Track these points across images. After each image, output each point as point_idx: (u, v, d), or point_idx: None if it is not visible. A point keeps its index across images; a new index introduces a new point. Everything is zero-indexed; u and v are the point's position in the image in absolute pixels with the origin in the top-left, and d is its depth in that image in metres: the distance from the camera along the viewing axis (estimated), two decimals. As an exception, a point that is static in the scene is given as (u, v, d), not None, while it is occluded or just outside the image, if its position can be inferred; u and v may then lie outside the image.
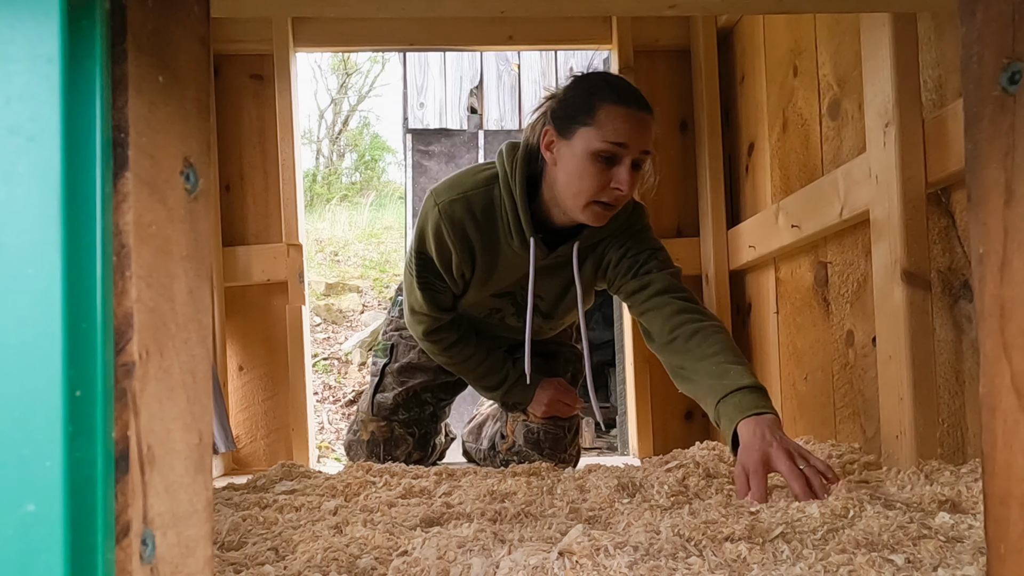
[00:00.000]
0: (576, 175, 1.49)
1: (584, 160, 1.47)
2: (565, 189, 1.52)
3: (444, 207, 1.62)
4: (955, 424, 1.32)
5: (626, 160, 1.47)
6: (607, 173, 1.47)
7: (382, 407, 1.95)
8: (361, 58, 13.52)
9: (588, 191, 1.49)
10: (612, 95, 1.47)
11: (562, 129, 1.51)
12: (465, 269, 1.67)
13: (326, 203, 10.83)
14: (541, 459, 1.77)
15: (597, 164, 1.47)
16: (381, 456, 1.88)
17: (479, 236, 1.63)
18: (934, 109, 1.34)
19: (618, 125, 1.45)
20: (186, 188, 0.50)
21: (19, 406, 0.40)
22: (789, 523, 0.91)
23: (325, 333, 6.53)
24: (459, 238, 1.62)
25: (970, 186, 0.53)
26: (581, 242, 1.62)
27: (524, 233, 1.59)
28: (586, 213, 1.52)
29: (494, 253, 1.66)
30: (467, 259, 1.66)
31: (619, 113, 1.46)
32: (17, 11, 0.41)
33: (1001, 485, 0.50)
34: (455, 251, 1.64)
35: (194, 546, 0.49)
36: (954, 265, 1.32)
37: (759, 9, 1.33)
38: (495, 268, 1.69)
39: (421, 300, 1.73)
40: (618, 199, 1.50)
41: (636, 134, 1.47)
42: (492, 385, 1.86)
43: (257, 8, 1.17)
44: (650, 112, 1.52)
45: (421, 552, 0.85)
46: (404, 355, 2.01)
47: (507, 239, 1.63)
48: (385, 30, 2.40)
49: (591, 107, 1.47)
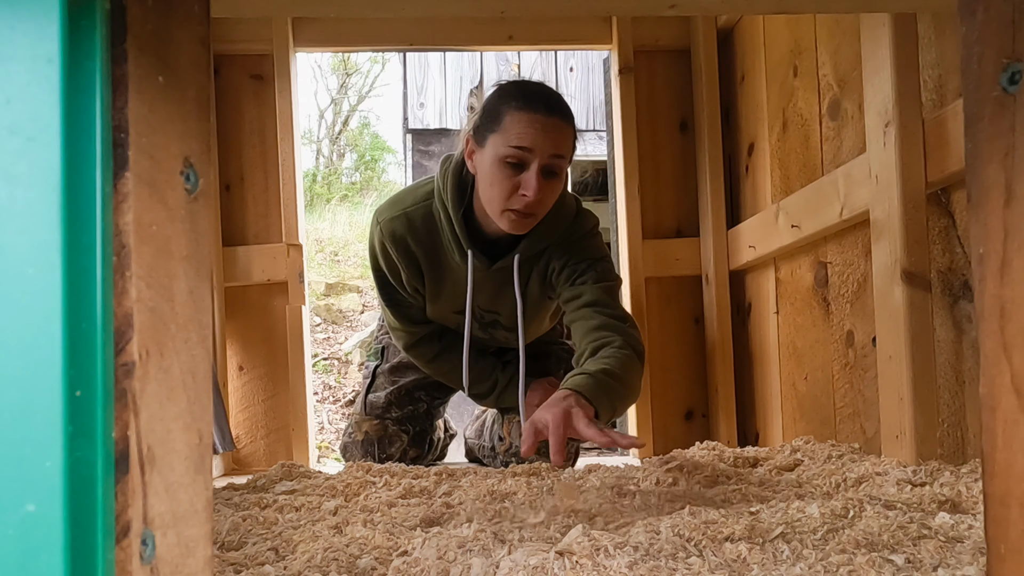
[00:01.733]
0: (488, 182, 1.49)
1: (493, 167, 1.47)
2: (484, 197, 1.53)
3: (385, 225, 1.64)
4: (955, 424, 1.32)
5: (533, 165, 1.45)
6: (515, 179, 1.47)
7: (374, 406, 1.95)
8: (361, 58, 13.52)
9: (498, 198, 1.48)
10: (518, 101, 1.47)
11: (478, 138, 1.52)
12: (416, 284, 1.68)
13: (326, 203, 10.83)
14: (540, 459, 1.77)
15: (505, 170, 1.46)
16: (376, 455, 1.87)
17: (422, 251, 1.64)
18: (934, 109, 1.34)
19: (522, 129, 1.44)
20: (186, 188, 0.50)
21: (19, 406, 0.40)
22: (789, 523, 0.91)
23: (325, 333, 6.53)
24: (403, 254, 1.64)
25: (970, 186, 0.53)
26: (521, 253, 1.60)
27: (461, 244, 1.59)
28: (503, 221, 1.51)
29: (440, 267, 1.67)
30: (415, 274, 1.67)
31: (523, 118, 1.45)
32: (17, 11, 0.41)
33: (1001, 485, 0.50)
34: (402, 267, 1.65)
35: (194, 546, 0.49)
36: (954, 265, 1.32)
37: (759, 9, 1.33)
38: (444, 282, 1.68)
39: (392, 316, 1.77)
40: (528, 206, 1.48)
41: (542, 138, 1.45)
42: (483, 392, 1.86)
43: (257, 8, 1.17)
44: (564, 117, 1.49)
45: (421, 552, 0.85)
46: (395, 355, 2.03)
47: (450, 253, 1.63)
48: (385, 30, 2.40)
49: (499, 114, 1.48)
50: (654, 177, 2.42)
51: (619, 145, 2.44)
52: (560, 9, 1.12)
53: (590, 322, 1.50)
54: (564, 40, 2.49)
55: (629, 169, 2.40)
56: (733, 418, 2.28)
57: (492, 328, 1.78)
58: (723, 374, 2.29)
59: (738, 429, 2.29)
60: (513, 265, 1.61)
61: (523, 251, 1.61)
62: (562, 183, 1.53)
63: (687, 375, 2.40)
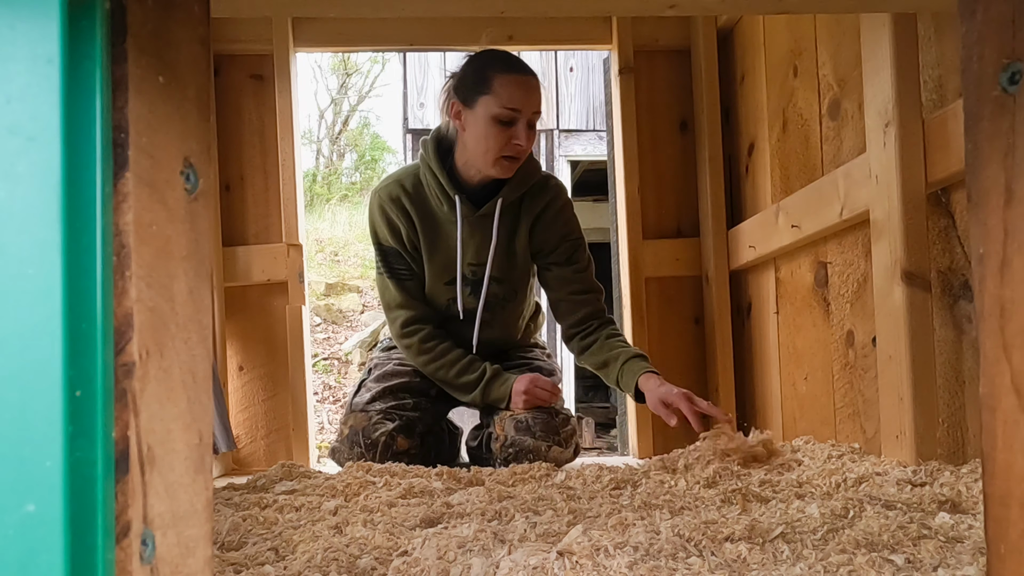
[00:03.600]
0: (482, 137, 1.77)
1: (487, 124, 1.76)
2: (475, 150, 1.81)
3: (381, 191, 1.93)
4: (955, 424, 1.32)
5: (521, 120, 1.76)
6: (507, 132, 1.76)
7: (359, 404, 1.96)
8: (361, 58, 13.52)
9: (494, 149, 1.78)
10: (503, 66, 1.77)
11: (466, 100, 1.79)
12: (414, 239, 1.91)
13: (326, 203, 10.83)
14: (535, 442, 1.78)
15: (498, 126, 1.76)
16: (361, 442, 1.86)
17: (415, 208, 1.89)
18: (934, 109, 1.34)
19: (512, 91, 1.74)
20: (186, 188, 0.50)
21: (19, 406, 0.40)
22: (789, 523, 0.91)
23: (325, 333, 6.54)
24: (399, 210, 1.90)
25: (970, 186, 0.53)
26: (504, 198, 1.88)
27: (448, 193, 1.85)
28: (496, 168, 1.81)
29: (432, 223, 1.91)
30: (411, 229, 1.90)
31: (511, 80, 1.75)
32: (17, 11, 0.41)
33: (1001, 485, 0.50)
34: (400, 222, 1.90)
35: (194, 546, 0.49)
36: (954, 265, 1.32)
37: (759, 9, 1.33)
38: (437, 236, 1.91)
39: (393, 290, 1.94)
40: (519, 152, 1.79)
41: (528, 98, 1.76)
42: (470, 382, 1.93)
43: (257, 8, 1.17)
44: (537, 80, 1.80)
45: (421, 552, 0.85)
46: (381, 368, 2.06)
47: (438, 207, 1.89)
48: (385, 30, 2.40)
49: (487, 79, 1.76)
50: (654, 177, 2.42)
51: (619, 145, 2.44)
52: (560, 9, 1.12)
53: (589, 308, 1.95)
54: (564, 40, 2.49)
55: (629, 169, 2.40)
56: (733, 418, 2.28)
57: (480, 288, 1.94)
58: (723, 374, 2.29)
59: (738, 429, 2.28)
60: (496, 210, 1.87)
61: (505, 196, 1.88)
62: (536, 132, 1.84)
63: (687, 375, 2.39)
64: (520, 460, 1.78)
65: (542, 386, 1.87)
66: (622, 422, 2.57)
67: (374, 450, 1.84)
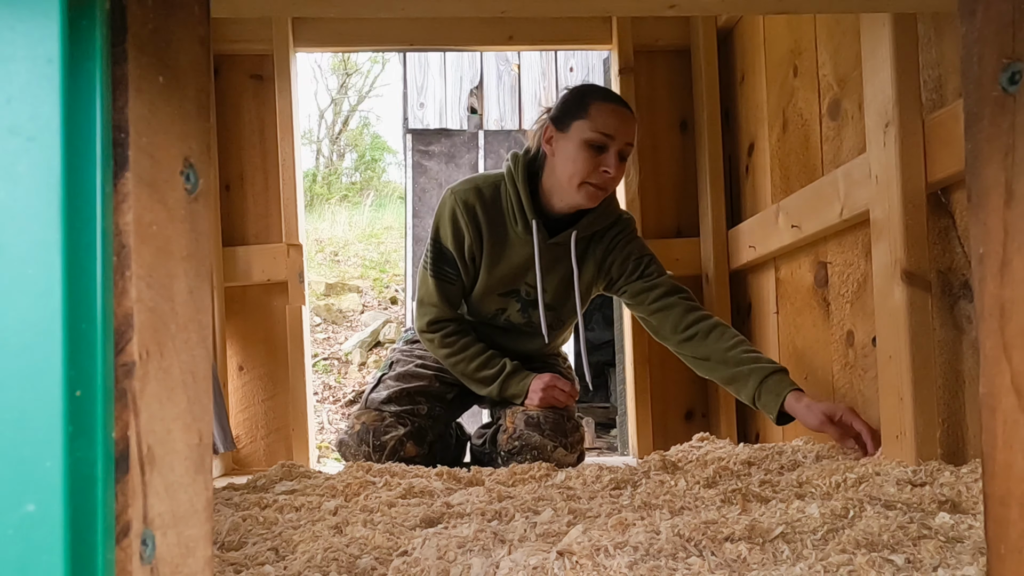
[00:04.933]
0: (571, 160, 1.77)
1: (578, 148, 1.76)
2: (562, 174, 1.79)
3: (459, 193, 1.89)
4: (955, 424, 1.32)
5: (612, 148, 1.75)
6: (597, 159, 1.75)
7: (375, 402, 1.96)
8: (361, 58, 13.52)
9: (581, 173, 1.76)
10: (602, 95, 1.79)
11: (560, 125, 1.80)
12: (476, 251, 1.90)
13: (326, 203, 10.83)
14: (542, 440, 1.78)
15: (589, 151, 1.75)
16: (371, 442, 1.86)
17: (487, 220, 1.88)
18: (934, 109, 1.34)
19: (607, 118, 1.75)
20: (186, 188, 0.50)
21: (19, 406, 0.40)
22: (789, 523, 0.91)
23: (325, 333, 6.53)
24: (471, 218, 1.87)
25: (970, 186, 0.53)
26: (579, 231, 1.87)
27: (527, 216, 1.84)
28: (580, 193, 1.78)
29: (501, 239, 1.90)
30: (477, 240, 1.89)
31: (607, 109, 1.76)
32: (17, 11, 0.41)
33: (1001, 485, 0.50)
34: (467, 231, 1.88)
35: (194, 546, 0.49)
36: (954, 265, 1.32)
37: (759, 9, 1.33)
38: (502, 255, 1.90)
39: (433, 290, 1.93)
40: (606, 182, 1.77)
41: (622, 127, 1.75)
42: (489, 376, 1.93)
43: (257, 8, 1.17)
44: (633, 114, 1.81)
45: (421, 552, 0.85)
46: (403, 366, 2.05)
47: (512, 225, 1.88)
48: (385, 30, 2.40)
49: (584, 104, 1.77)
50: (654, 177, 2.42)
51: (619, 145, 2.44)
52: (560, 9, 1.12)
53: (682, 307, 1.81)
54: (564, 40, 2.49)
55: (629, 169, 2.40)
56: (733, 418, 2.28)
57: (532, 309, 1.95)
58: (723, 374, 2.28)
59: (738, 429, 2.29)
60: (571, 241, 1.87)
61: (581, 229, 1.87)
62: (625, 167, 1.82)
63: (687, 375, 2.39)
64: (524, 455, 1.79)
65: (561, 387, 1.88)
66: (622, 422, 2.57)
67: (381, 452, 1.84)
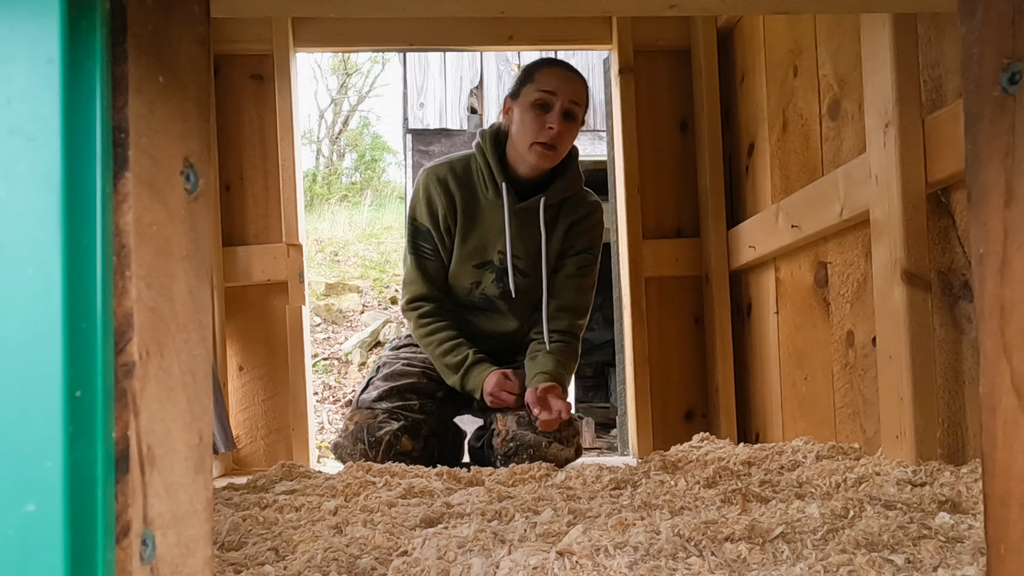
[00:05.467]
0: (521, 122, 1.91)
1: (525, 110, 1.90)
2: (517, 138, 1.93)
3: (431, 169, 2.04)
4: (955, 424, 1.32)
5: (556, 105, 1.87)
6: (543, 117, 1.87)
7: (366, 401, 1.98)
8: (361, 58, 13.52)
9: (530, 133, 1.89)
10: (547, 63, 1.95)
11: (513, 95, 1.96)
12: (450, 221, 2.01)
13: (326, 203, 10.83)
14: (536, 437, 1.79)
15: (535, 110, 1.88)
16: (365, 439, 1.87)
17: (459, 190, 1.99)
18: (934, 109, 1.34)
19: (548, 78, 1.89)
20: (186, 188, 0.50)
21: (19, 406, 0.40)
22: (789, 523, 0.91)
23: (325, 333, 6.53)
24: (443, 190, 1.99)
25: (970, 186, 0.53)
26: (548, 198, 1.98)
27: (496, 180, 1.95)
28: (532, 155, 1.90)
29: (473, 206, 2.01)
30: (451, 210, 2.00)
31: (550, 71, 1.91)
32: (17, 11, 0.41)
33: (1001, 485, 0.50)
34: (440, 202, 1.99)
35: (194, 546, 0.49)
36: (954, 265, 1.32)
37: (759, 9, 1.33)
38: (475, 222, 2.01)
39: (411, 266, 2.05)
40: (553, 138, 1.88)
41: (564, 85, 1.88)
42: (453, 364, 1.98)
43: (257, 8, 1.17)
44: (579, 76, 1.94)
45: (421, 552, 0.85)
46: (390, 367, 2.08)
47: (483, 192, 1.99)
48: (385, 30, 2.40)
49: (531, 72, 1.93)
50: (654, 177, 2.42)
51: (619, 145, 2.44)
52: (560, 9, 1.12)
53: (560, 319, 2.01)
54: (564, 40, 2.49)
55: (629, 169, 2.40)
56: (733, 418, 2.28)
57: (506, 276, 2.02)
58: (723, 374, 2.28)
59: (738, 429, 2.29)
60: (539, 206, 1.96)
61: (550, 196, 1.98)
62: (577, 128, 1.94)
63: (687, 375, 2.40)
64: (520, 455, 1.79)
65: (508, 390, 1.90)
66: (622, 422, 2.57)
67: (377, 448, 1.85)
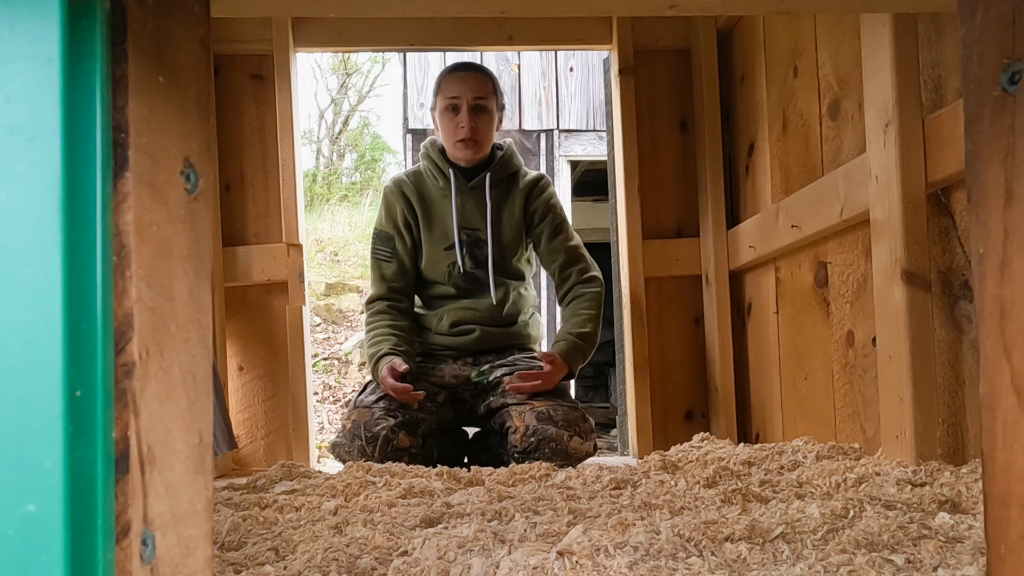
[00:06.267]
0: (442, 128, 2.16)
1: (441, 117, 2.15)
2: (443, 140, 2.17)
3: (389, 182, 2.26)
4: (955, 424, 1.32)
5: (463, 106, 2.10)
6: (455, 119, 2.11)
7: (363, 402, 1.99)
8: (361, 58, 13.52)
9: (449, 135, 2.14)
10: (448, 70, 2.16)
11: (432, 107, 2.21)
12: (410, 218, 2.20)
13: (326, 203, 10.83)
14: (558, 431, 1.82)
15: (447, 115, 2.13)
16: (362, 435, 1.87)
17: (414, 189, 2.20)
18: (934, 109, 1.34)
19: (450, 85, 2.12)
20: (186, 188, 0.50)
21: (19, 406, 0.40)
22: (789, 523, 0.91)
23: (325, 333, 6.53)
24: (399, 193, 2.21)
25: (970, 186, 0.53)
26: (493, 175, 2.17)
27: (443, 171, 2.16)
28: (458, 151, 2.13)
29: (428, 200, 2.20)
30: (409, 209, 2.20)
31: (450, 78, 2.13)
32: (17, 11, 0.41)
33: (1001, 485, 0.50)
34: (398, 203, 2.20)
35: (194, 546, 0.49)
36: (954, 265, 1.32)
37: (759, 9, 1.33)
38: (433, 211, 2.19)
39: (371, 270, 2.24)
40: (465, 133, 2.10)
41: (464, 87, 2.10)
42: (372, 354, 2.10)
43: (257, 8, 1.17)
44: (479, 71, 2.16)
45: (421, 552, 0.85)
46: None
47: (435, 185, 2.19)
48: (385, 30, 2.40)
49: (438, 83, 2.16)
50: (654, 177, 2.42)
51: (619, 145, 2.44)
52: (560, 9, 1.12)
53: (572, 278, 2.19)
54: (564, 40, 2.49)
55: (629, 169, 2.40)
56: (733, 418, 2.28)
57: (476, 249, 2.17)
58: (723, 374, 2.28)
59: (738, 429, 2.29)
60: (486, 180, 2.15)
61: (494, 172, 2.17)
62: (492, 117, 2.15)
63: (687, 375, 2.40)
64: (542, 449, 1.81)
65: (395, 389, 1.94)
66: (622, 422, 2.57)
67: (374, 444, 1.85)
